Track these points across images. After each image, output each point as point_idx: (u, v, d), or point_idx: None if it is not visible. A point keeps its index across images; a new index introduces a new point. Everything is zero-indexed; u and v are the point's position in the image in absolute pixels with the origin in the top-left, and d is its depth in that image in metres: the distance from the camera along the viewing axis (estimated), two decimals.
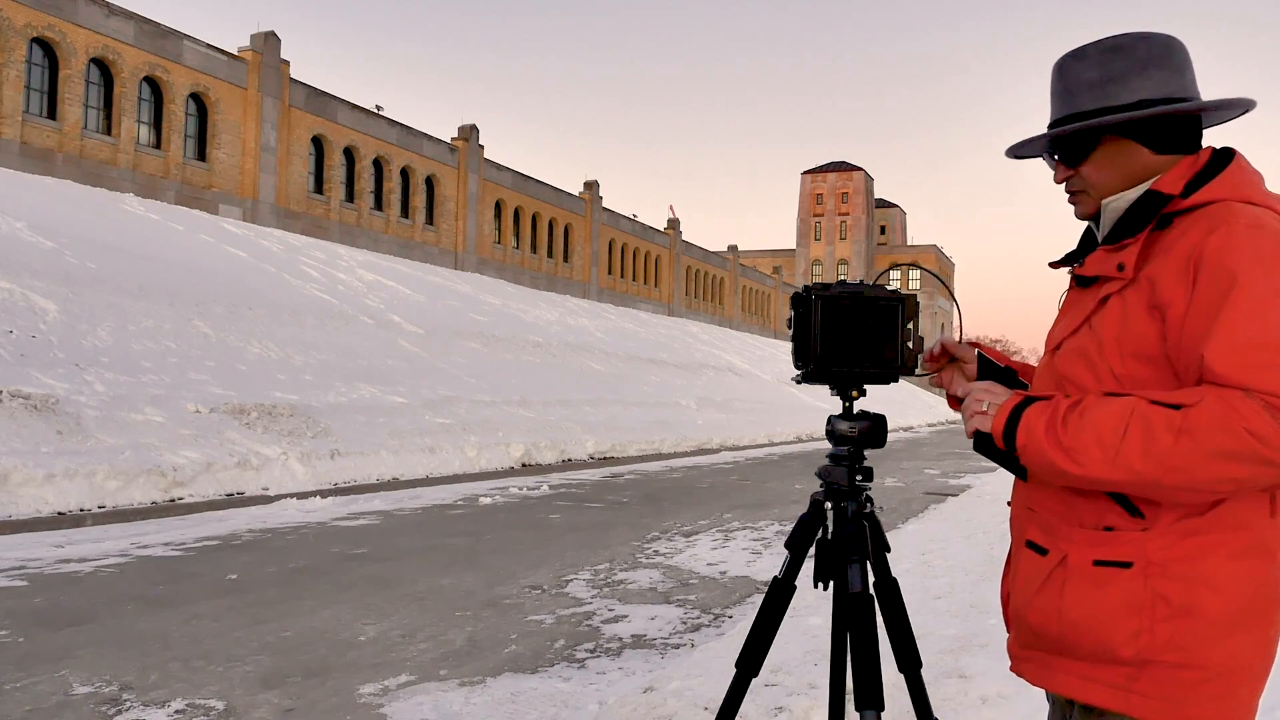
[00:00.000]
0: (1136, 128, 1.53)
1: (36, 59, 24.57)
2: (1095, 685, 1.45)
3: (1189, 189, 1.46)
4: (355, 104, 34.36)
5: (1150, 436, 1.31)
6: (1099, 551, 1.44)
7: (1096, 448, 1.36)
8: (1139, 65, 1.52)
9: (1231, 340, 1.31)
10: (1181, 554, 1.39)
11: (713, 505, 12.19)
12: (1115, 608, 1.41)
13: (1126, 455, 1.33)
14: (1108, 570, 1.43)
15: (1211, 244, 1.37)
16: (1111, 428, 1.35)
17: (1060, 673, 1.50)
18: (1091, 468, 1.37)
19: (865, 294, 1.97)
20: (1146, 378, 1.43)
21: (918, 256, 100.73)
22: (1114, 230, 1.54)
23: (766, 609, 2.10)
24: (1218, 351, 1.32)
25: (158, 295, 17.21)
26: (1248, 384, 1.28)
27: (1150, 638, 1.39)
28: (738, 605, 6.45)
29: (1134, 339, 1.43)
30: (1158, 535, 1.40)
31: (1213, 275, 1.35)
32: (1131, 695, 1.42)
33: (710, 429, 26.11)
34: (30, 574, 6.83)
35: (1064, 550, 1.48)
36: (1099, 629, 1.42)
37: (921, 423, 47.96)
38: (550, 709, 4.18)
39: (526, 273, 43.83)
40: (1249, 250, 1.35)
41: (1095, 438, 1.36)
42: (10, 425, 10.34)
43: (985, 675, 4.08)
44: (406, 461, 14.49)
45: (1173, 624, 1.38)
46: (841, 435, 2.08)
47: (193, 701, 4.18)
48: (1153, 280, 1.43)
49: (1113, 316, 1.47)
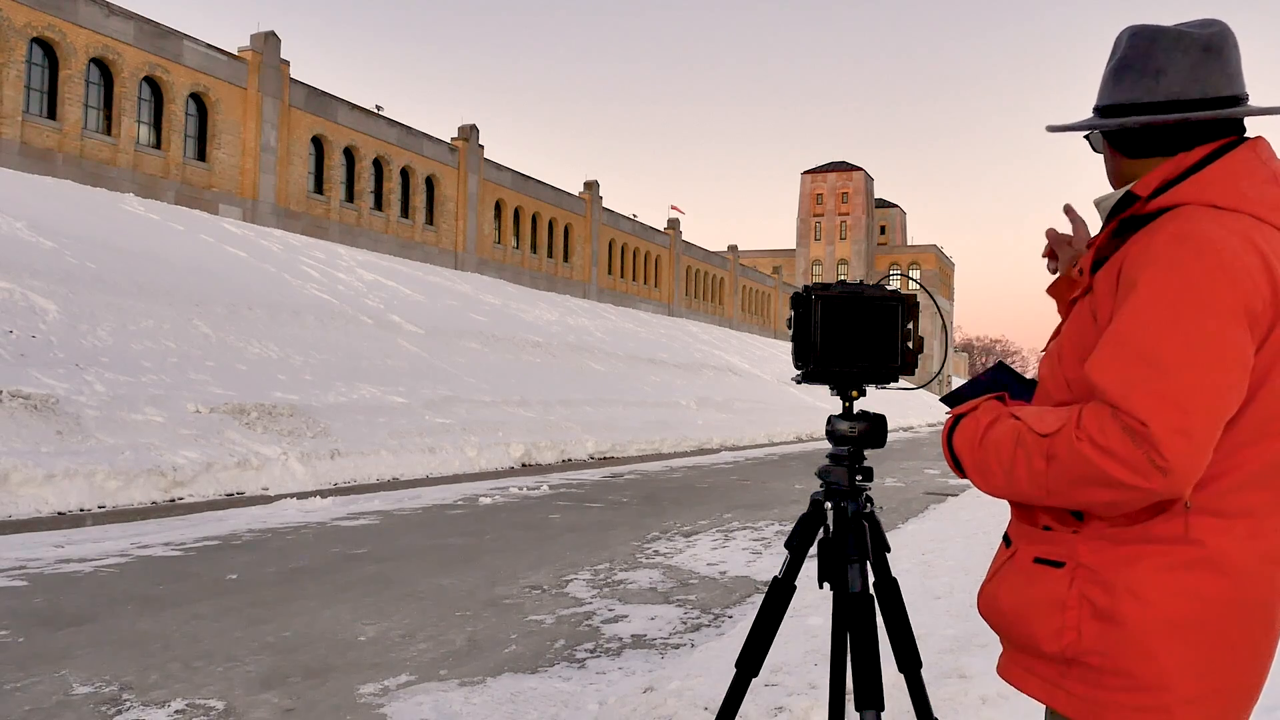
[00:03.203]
0: (1109, 134, 1.52)
1: (36, 59, 24.56)
2: (1031, 678, 1.47)
3: (1157, 192, 1.40)
4: (355, 104, 34.35)
5: (1030, 462, 1.34)
6: (1039, 549, 1.47)
7: (998, 469, 1.41)
8: (1114, 67, 1.49)
9: (1112, 353, 1.29)
10: (1110, 560, 1.38)
11: (713, 505, 12.19)
12: (1040, 602, 1.43)
13: (1017, 478, 1.37)
14: (1041, 567, 1.45)
15: (1133, 252, 1.35)
16: (1006, 452, 1.39)
17: (1007, 661, 1.53)
18: (996, 486, 1.43)
19: (865, 294, 1.98)
20: None
21: (918, 256, 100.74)
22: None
23: (766, 609, 2.10)
24: (1095, 364, 1.30)
25: (158, 295, 17.21)
26: (1116, 401, 1.26)
27: (1075, 636, 1.39)
28: (738, 605, 6.46)
29: (1084, 347, 1.41)
30: (1087, 539, 1.41)
31: (1123, 285, 1.34)
32: (1059, 691, 1.43)
33: (710, 429, 26.11)
34: (30, 574, 6.83)
35: (1018, 545, 1.52)
36: (1024, 621, 1.45)
37: (921, 423, 47.95)
38: (550, 709, 4.18)
39: (526, 273, 43.83)
40: (1160, 261, 1.30)
41: (996, 460, 1.41)
42: (10, 425, 10.34)
43: (985, 675, 4.08)
44: (406, 461, 14.49)
45: (1097, 625, 1.38)
46: (841, 435, 2.08)
47: (193, 701, 4.18)
48: (1094, 287, 1.42)
49: (1075, 322, 1.46)
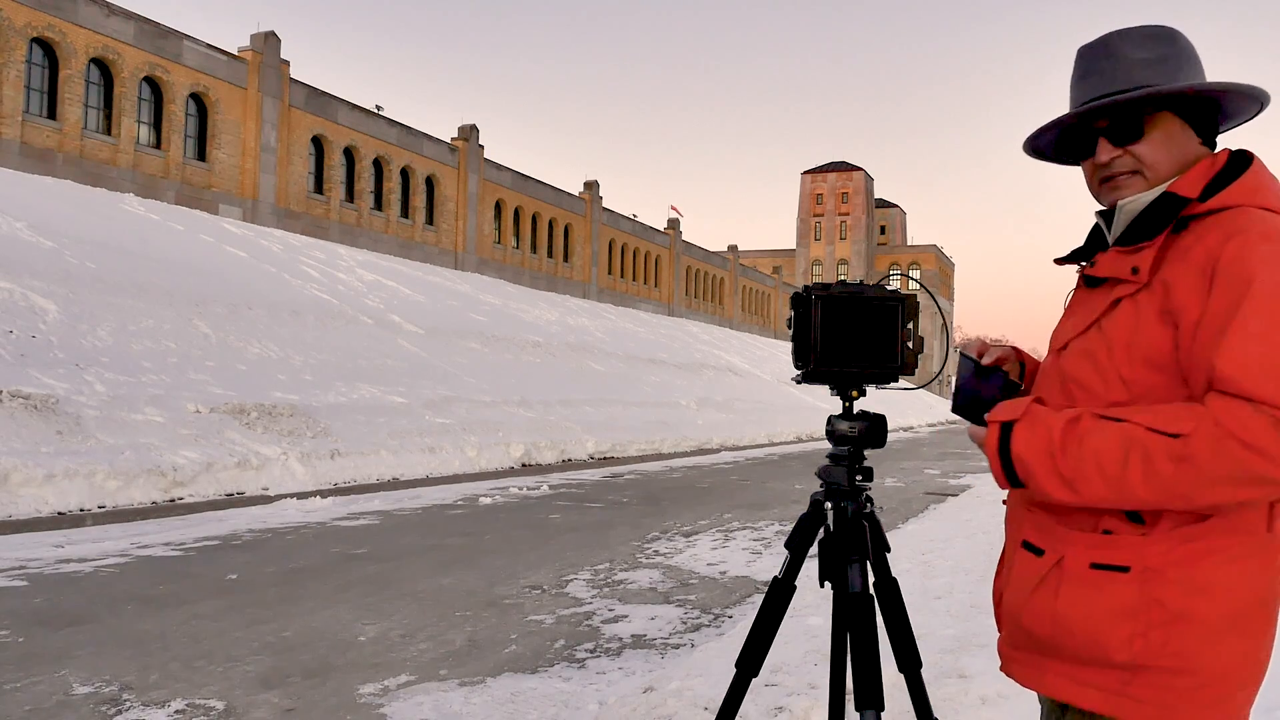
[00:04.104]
0: (1195, 109, 1.50)
1: (36, 59, 24.57)
2: (1087, 689, 1.43)
3: (1207, 192, 1.43)
4: (355, 104, 34.36)
5: (1151, 466, 1.31)
6: (1096, 554, 1.42)
7: (1099, 478, 1.35)
8: (1184, 54, 1.50)
9: (1243, 349, 1.29)
10: (1179, 559, 1.38)
11: (713, 505, 12.19)
12: (1110, 611, 1.40)
13: (1129, 484, 1.33)
14: (1104, 574, 1.41)
15: (1228, 251, 1.35)
16: (1113, 458, 1.33)
17: (1051, 674, 1.48)
18: (1091, 496, 1.37)
19: (865, 294, 1.97)
20: (1155, 384, 1.41)
21: (918, 256, 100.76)
22: (1127, 232, 1.51)
23: (766, 609, 2.10)
24: (1228, 360, 1.30)
25: (158, 295, 17.21)
26: (1255, 395, 1.26)
27: (1144, 643, 1.38)
28: (738, 605, 6.45)
29: (1145, 345, 1.41)
30: (1157, 540, 1.39)
31: (1227, 283, 1.33)
32: (1124, 699, 1.40)
33: (710, 429, 26.11)
34: (30, 574, 6.83)
35: (1061, 552, 1.46)
36: (1093, 632, 1.41)
37: (921, 423, 47.96)
38: (550, 709, 4.18)
39: (526, 272, 43.83)
40: (1265, 259, 1.33)
41: (1097, 468, 1.35)
42: (10, 425, 10.34)
43: (985, 675, 4.08)
44: (406, 461, 14.49)
45: (1168, 629, 1.37)
46: (841, 435, 2.08)
47: (193, 701, 4.18)
48: (1167, 285, 1.40)
49: (1124, 320, 1.44)
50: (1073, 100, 1.58)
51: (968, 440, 1.41)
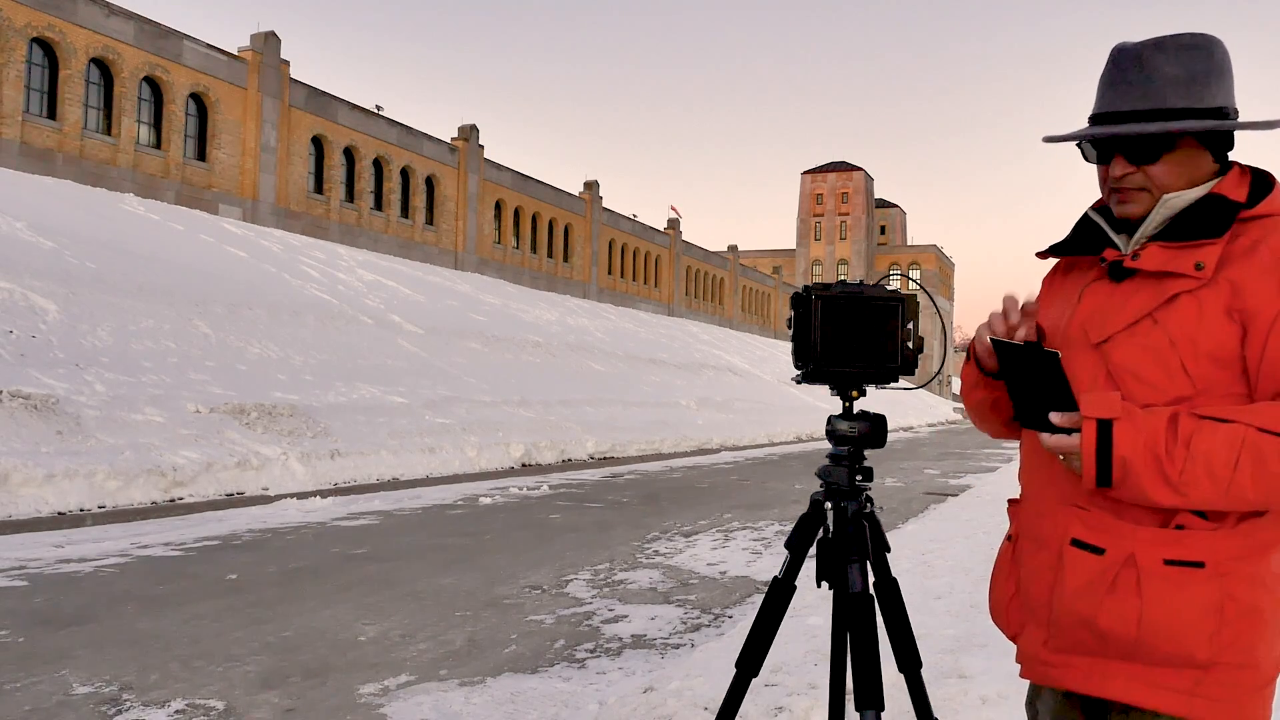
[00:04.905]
0: (1216, 137, 1.51)
1: (36, 59, 24.57)
2: (1160, 690, 1.41)
3: (1253, 198, 1.48)
4: (355, 104, 34.37)
5: (1264, 468, 1.31)
6: (1169, 550, 1.40)
7: (1208, 480, 1.34)
8: (1216, 69, 1.49)
9: None
10: (1246, 553, 1.39)
11: (713, 505, 12.19)
12: (1195, 609, 1.38)
13: (1239, 486, 1.32)
14: (1183, 570, 1.39)
15: None
16: (1223, 460, 1.33)
17: (1121, 678, 1.44)
18: (1198, 499, 1.36)
19: (865, 294, 1.97)
20: (1218, 379, 1.42)
21: (918, 256, 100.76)
22: (1172, 228, 1.50)
23: (766, 609, 2.10)
24: None
25: (158, 295, 17.21)
26: None
27: (1220, 640, 1.38)
28: (738, 605, 6.45)
29: (1210, 341, 1.41)
30: (1226, 535, 1.39)
31: None
32: (1196, 699, 1.39)
33: (710, 429, 26.11)
34: (30, 574, 6.83)
35: (1128, 549, 1.43)
36: (1180, 631, 1.39)
37: (921, 423, 47.97)
38: (550, 709, 4.18)
39: (526, 272, 43.83)
40: None
41: (1206, 471, 1.34)
42: (10, 425, 10.34)
43: (985, 675, 4.08)
44: (406, 461, 14.49)
45: (1238, 624, 1.37)
46: (841, 435, 2.07)
47: (193, 701, 4.18)
48: (1234, 285, 1.41)
49: (1186, 315, 1.43)
50: (1098, 102, 1.56)
51: (968, 440, 1.35)
